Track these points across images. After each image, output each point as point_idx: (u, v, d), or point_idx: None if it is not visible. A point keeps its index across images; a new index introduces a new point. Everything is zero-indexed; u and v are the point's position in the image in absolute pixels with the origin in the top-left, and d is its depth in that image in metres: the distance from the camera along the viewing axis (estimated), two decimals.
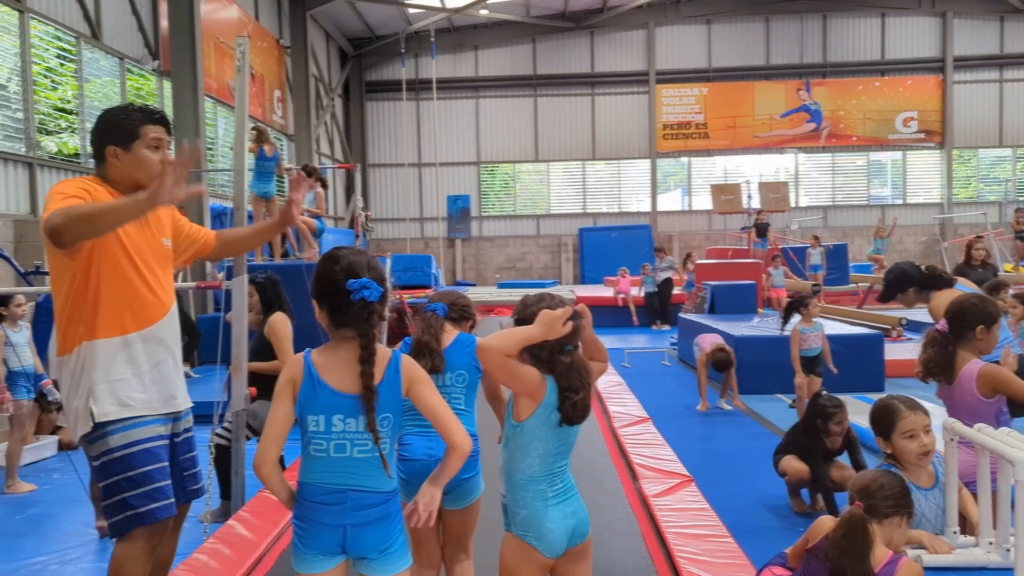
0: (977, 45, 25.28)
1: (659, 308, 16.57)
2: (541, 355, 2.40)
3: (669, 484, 4.52)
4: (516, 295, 16.21)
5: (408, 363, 2.26)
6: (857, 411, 7.12)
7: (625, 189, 26.83)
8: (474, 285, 24.36)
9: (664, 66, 25.75)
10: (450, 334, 2.99)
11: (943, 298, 4.86)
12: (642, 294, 16.84)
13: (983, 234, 17.87)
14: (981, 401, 3.42)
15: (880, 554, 2.42)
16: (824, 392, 5.37)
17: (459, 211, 26.17)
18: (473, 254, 26.38)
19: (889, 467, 3.09)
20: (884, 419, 3.15)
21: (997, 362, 3.57)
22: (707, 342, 8.40)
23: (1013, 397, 3.38)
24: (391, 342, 8.77)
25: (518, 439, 2.41)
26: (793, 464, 4.90)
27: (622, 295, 17.22)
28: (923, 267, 5.02)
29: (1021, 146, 25.83)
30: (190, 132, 12.83)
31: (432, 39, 20.43)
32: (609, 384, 7.80)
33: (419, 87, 25.47)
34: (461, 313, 3.14)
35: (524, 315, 2.48)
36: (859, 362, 8.84)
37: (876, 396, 4.23)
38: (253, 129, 10.00)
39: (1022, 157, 26.17)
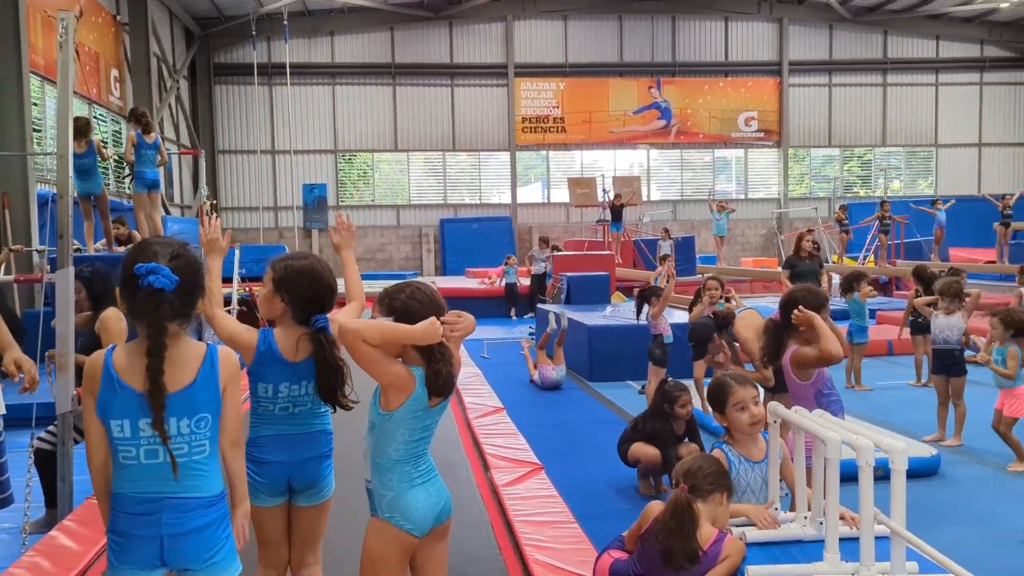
0: (810, 51, 27.09)
1: (535, 298, 16.79)
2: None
3: (520, 473, 4.58)
4: (376, 287, 15.95)
5: (227, 358, 2.14)
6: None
7: (486, 181, 27.00)
8: None
9: (522, 59, 26.06)
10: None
11: (746, 319, 5.41)
12: (503, 285, 17.00)
13: (812, 227, 19.22)
14: (799, 384, 3.68)
15: (707, 533, 2.56)
16: (670, 379, 5.63)
17: (316, 200, 25.50)
18: (331, 245, 25.75)
19: (722, 444, 3.29)
20: (718, 395, 3.35)
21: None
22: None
23: (813, 361, 3.65)
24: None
25: (385, 426, 2.40)
26: (646, 451, 5.12)
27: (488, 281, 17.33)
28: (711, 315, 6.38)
29: (847, 147, 27.94)
30: (13, 113, 11.80)
31: (285, 22, 19.75)
32: (466, 376, 7.82)
33: (272, 72, 24.58)
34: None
35: (394, 306, 2.44)
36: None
37: None
38: (132, 113, 9.20)
39: (848, 157, 28.31)
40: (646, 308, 7.62)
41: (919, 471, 5.34)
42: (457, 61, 25.94)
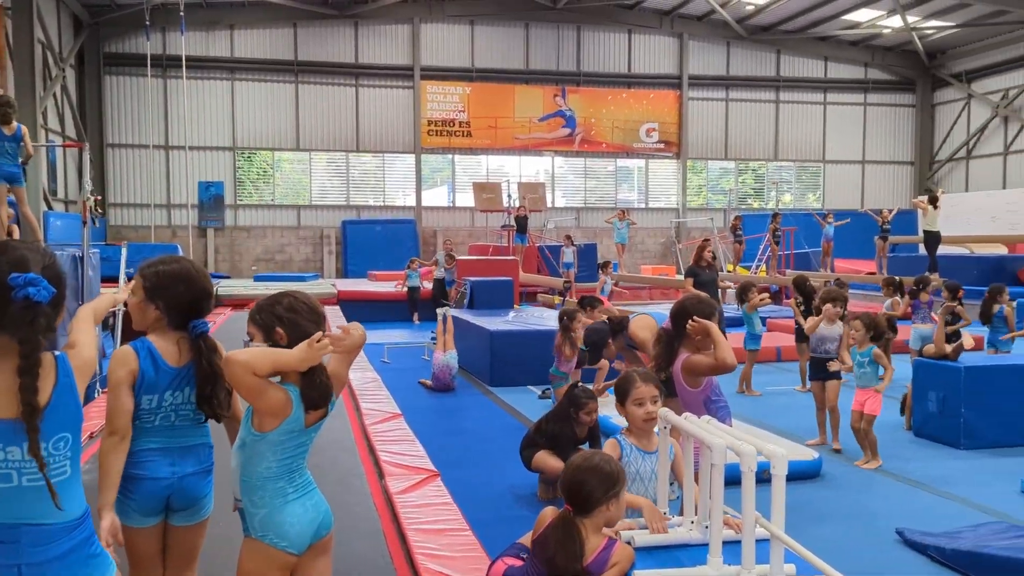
0: (708, 66, 28.00)
1: (437, 303, 16.65)
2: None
3: (415, 480, 4.53)
4: (274, 289, 15.55)
5: (79, 365, 1.98)
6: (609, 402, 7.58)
7: (390, 183, 26.73)
8: (228, 277, 23.07)
9: (429, 62, 25.94)
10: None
11: (640, 322, 5.55)
12: (405, 289, 16.85)
13: (708, 237, 19.87)
14: (689, 391, 3.78)
15: (594, 544, 2.58)
16: (580, 384, 5.67)
17: (212, 198, 24.65)
18: (227, 244, 25.00)
19: (618, 435, 3.40)
20: (623, 387, 3.45)
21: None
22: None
23: (708, 369, 3.78)
24: (127, 340, 8.02)
25: (256, 447, 2.31)
26: (550, 463, 5.07)
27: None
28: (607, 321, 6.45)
29: (742, 160, 29.00)
30: None
31: (181, 13, 19.00)
32: (364, 381, 7.69)
33: (167, 64, 23.64)
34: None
35: (272, 320, 2.34)
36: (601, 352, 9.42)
37: None
38: None
39: (743, 170, 29.39)
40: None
41: (801, 474, 5.56)
42: (362, 61, 25.59)
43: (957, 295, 8.62)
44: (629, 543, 2.79)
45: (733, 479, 2.66)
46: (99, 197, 15.23)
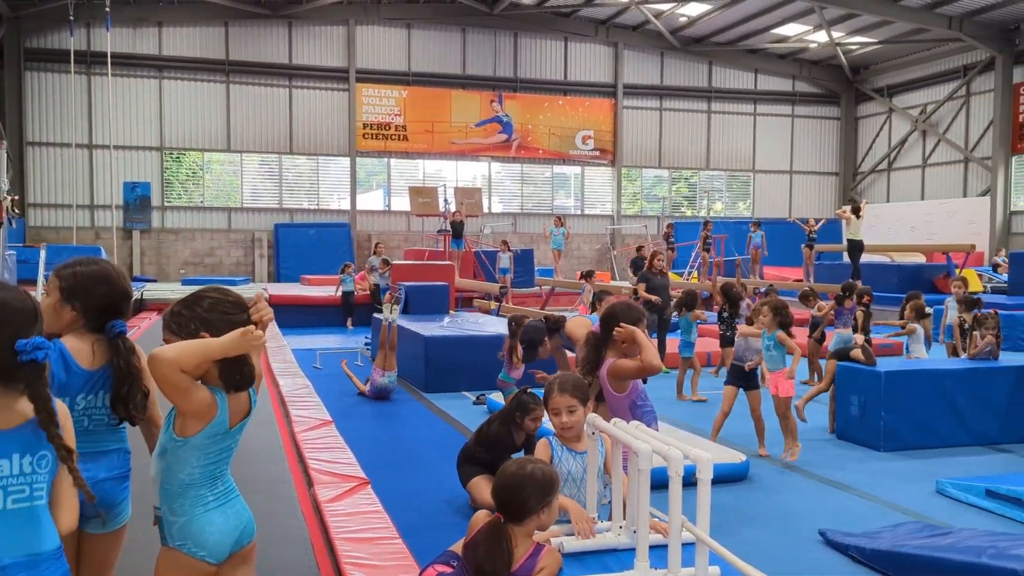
0: (642, 75, 28.45)
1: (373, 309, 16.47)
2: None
3: (344, 488, 4.45)
4: None
5: None
6: None
7: (325, 186, 26.37)
8: (155, 281, 22.44)
9: (365, 65, 25.72)
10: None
11: (577, 321, 5.58)
12: (339, 293, 16.63)
13: (644, 243, 20.17)
14: (615, 396, 3.81)
15: (522, 550, 2.58)
16: (529, 389, 5.60)
17: (138, 200, 23.93)
18: (154, 247, 24.30)
19: (549, 435, 3.41)
20: (545, 394, 3.50)
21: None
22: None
23: (634, 372, 3.81)
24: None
25: (178, 453, 2.22)
26: (484, 495, 4.84)
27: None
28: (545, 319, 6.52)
29: (676, 168, 29.53)
30: None
31: (107, 8, 18.40)
32: (294, 388, 7.55)
33: (92, 60, 22.89)
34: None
35: (194, 321, 2.25)
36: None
37: None
38: None
39: (676, 178, 29.93)
40: None
41: (729, 477, 5.66)
42: (296, 62, 25.22)
43: (863, 300, 8.93)
44: (559, 548, 2.80)
45: (662, 483, 2.70)
46: (16, 197, 14.63)
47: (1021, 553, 3.56)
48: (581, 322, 5.61)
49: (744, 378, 6.72)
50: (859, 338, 7.78)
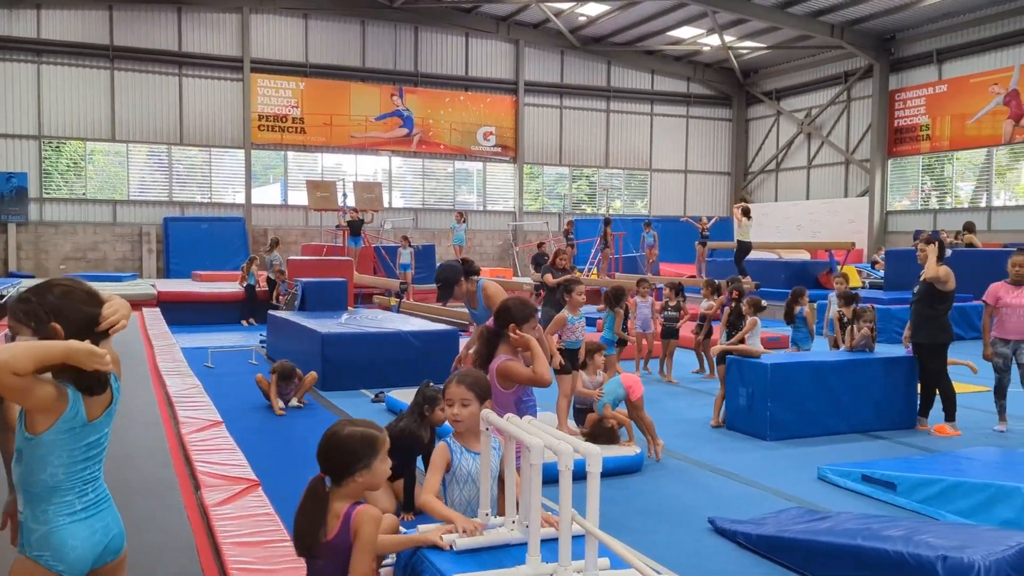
0: (543, 73, 28.70)
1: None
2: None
3: (234, 491, 4.30)
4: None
5: None
6: None
7: (218, 179, 25.48)
8: (32, 277, 21.17)
9: (259, 55, 24.98)
10: None
11: (494, 289, 5.47)
12: (243, 289, 16.14)
13: (545, 240, 20.37)
14: (501, 392, 3.85)
15: (336, 510, 2.53)
16: (431, 383, 5.51)
17: (13, 191, 22.50)
18: (31, 241, 22.92)
19: (447, 437, 3.36)
20: (444, 386, 3.41)
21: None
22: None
23: (526, 380, 3.89)
24: None
25: (34, 452, 2.08)
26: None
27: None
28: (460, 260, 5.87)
29: (576, 166, 29.95)
30: None
31: None
32: (183, 388, 7.26)
33: None
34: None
35: (43, 311, 2.09)
36: (438, 354, 9.40)
37: None
38: None
39: (577, 176, 30.36)
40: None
41: (623, 469, 5.79)
42: (187, 50, 24.24)
43: (733, 295, 9.30)
44: (451, 547, 2.78)
45: (555, 478, 2.72)
46: None
47: (891, 534, 3.77)
48: (500, 290, 5.51)
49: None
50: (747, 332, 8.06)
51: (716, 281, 10.87)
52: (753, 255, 18.12)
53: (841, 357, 7.63)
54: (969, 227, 17.10)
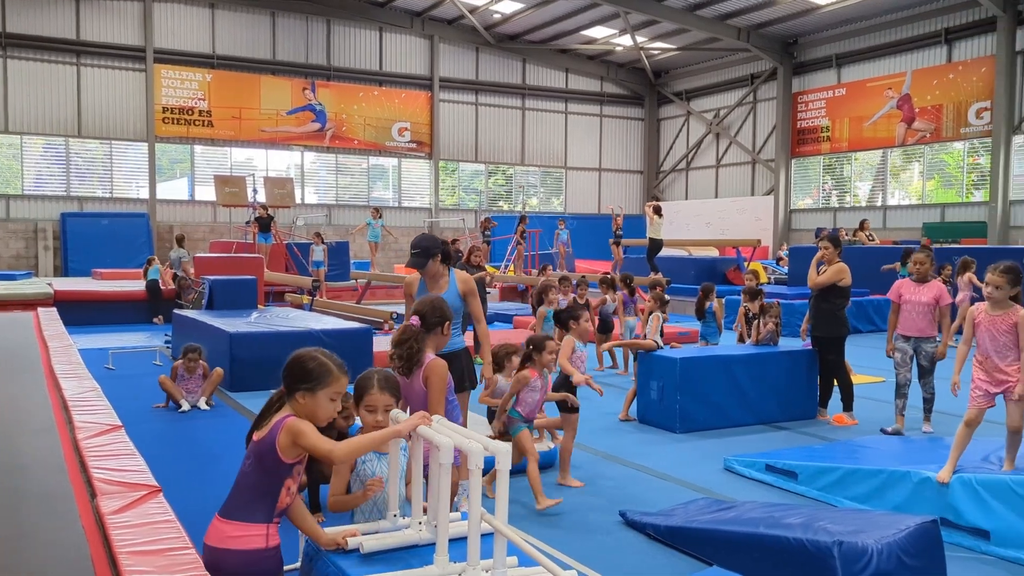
0: (458, 70, 28.64)
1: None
2: None
3: (133, 498, 4.12)
4: None
5: None
6: None
7: (120, 173, 24.47)
8: None
9: (164, 45, 24.09)
10: None
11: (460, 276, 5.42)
12: (144, 288, 15.53)
13: (459, 236, 20.33)
14: (423, 392, 3.80)
15: (277, 417, 2.77)
16: None
17: None
18: None
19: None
20: (357, 390, 3.38)
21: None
22: None
23: (434, 396, 3.85)
24: None
25: None
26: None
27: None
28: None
29: (492, 163, 30.00)
30: None
31: None
32: (79, 391, 6.92)
33: None
34: None
35: None
36: (351, 353, 9.22)
37: None
38: None
39: (493, 172, 30.42)
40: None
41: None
42: (85, 38, 23.19)
43: (629, 284, 9.58)
44: (357, 550, 2.74)
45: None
46: None
47: (791, 522, 3.90)
48: (465, 278, 5.45)
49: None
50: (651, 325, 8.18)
51: (609, 275, 11.14)
52: (664, 252, 18.52)
53: (746, 351, 7.86)
54: (862, 224, 17.89)
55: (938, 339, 7.09)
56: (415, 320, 3.97)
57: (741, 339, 9.61)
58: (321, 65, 26.39)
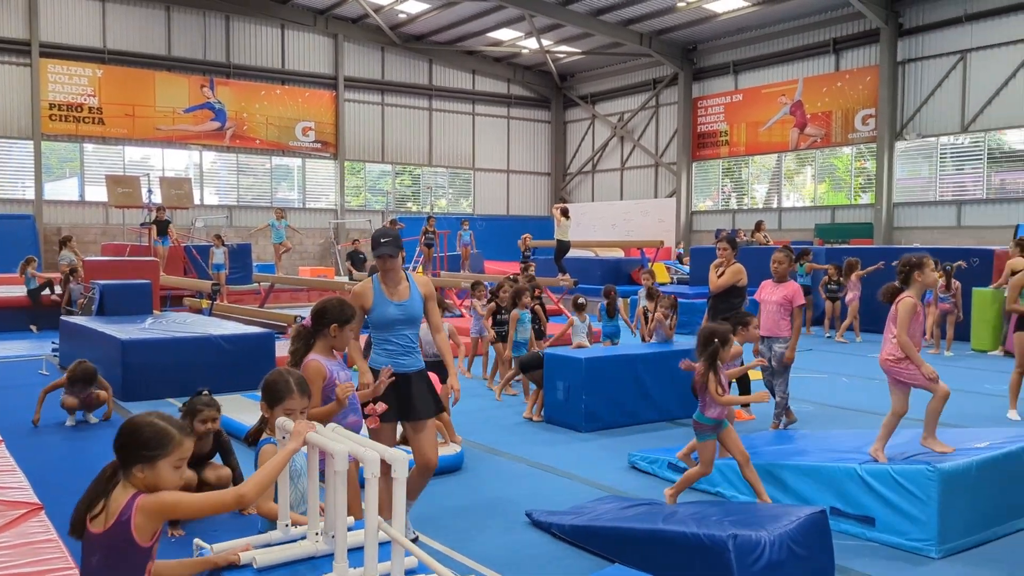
0: (364, 69, 28.27)
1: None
2: None
3: (11, 516, 3.89)
4: None
5: None
6: (246, 408, 7.23)
7: (3, 172, 23.10)
8: None
9: (50, 38, 22.90)
10: None
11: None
12: (25, 294, 14.68)
13: (362, 239, 20.06)
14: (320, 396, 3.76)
15: (119, 501, 2.41)
16: (206, 391, 5.26)
17: None
18: None
19: (271, 440, 3.29)
20: (273, 393, 3.35)
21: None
22: None
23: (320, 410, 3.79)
24: None
25: None
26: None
27: None
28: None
29: (399, 164, 29.75)
30: None
31: None
32: None
33: None
34: None
35: None
36: (252, 359, 9.03)
37: None
38: None
39: (400, 173, 30.16)
40: None
41: (445, 468, 5.78)
42: None
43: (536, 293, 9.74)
44: (251, 564, 2.65)
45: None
46: None
47: (688, 517, 4.00)
48: (426, 281, 5.19)
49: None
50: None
51: (482, 282, 10.88)
52: (571, 253, 18.75)
53: (650, 349, 8.03)
54: (759, 226, 18.56)
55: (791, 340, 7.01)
56: (306, 320, 3.97)
57: (643, 338, 9.82)
58: (220, 62, 25.59)
